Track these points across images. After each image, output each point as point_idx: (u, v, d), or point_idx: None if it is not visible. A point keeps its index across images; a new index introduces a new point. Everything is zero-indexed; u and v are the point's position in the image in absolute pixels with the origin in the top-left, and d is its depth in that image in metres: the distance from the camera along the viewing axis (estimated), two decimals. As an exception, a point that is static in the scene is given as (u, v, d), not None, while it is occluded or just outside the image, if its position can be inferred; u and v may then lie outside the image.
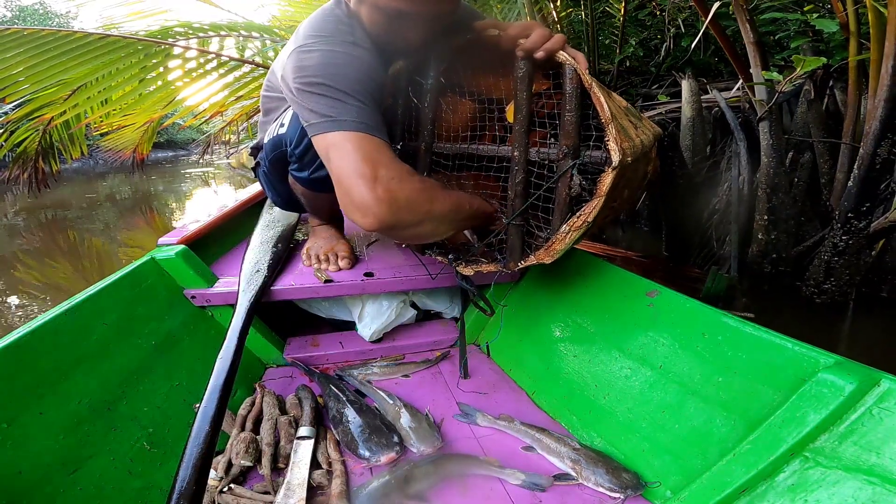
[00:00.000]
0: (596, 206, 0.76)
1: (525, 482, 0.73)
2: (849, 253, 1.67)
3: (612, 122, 0.72)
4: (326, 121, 0.77)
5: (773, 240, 1.93)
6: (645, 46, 3.36)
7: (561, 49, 0.77)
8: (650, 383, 0.80)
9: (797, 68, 1.50)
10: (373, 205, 0.72)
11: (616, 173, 0.74)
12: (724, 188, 2.26)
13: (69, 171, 9.04)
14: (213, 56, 2.43)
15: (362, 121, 0.77)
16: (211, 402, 0.68)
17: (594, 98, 0.74)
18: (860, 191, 1.61)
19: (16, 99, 2.13)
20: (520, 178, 0.86)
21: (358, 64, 0.82)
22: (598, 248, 2.12)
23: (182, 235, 1.09)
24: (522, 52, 0.79)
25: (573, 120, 0.78)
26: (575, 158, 0.79)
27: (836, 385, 0.57)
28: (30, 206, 5.53)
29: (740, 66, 1.93)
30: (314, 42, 0.82)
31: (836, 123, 2.01)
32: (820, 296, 1.75)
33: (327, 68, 0.79)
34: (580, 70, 0.76)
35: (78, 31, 2.09)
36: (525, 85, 0.83)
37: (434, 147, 1.02)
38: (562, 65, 0.77)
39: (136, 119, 2.85)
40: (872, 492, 0.50)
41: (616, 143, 0.73)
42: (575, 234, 0.79)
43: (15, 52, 1.96)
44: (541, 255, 0.84)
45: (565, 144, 0.79)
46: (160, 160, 12.51)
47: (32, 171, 3.10)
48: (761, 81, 1.82)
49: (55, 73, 2.03)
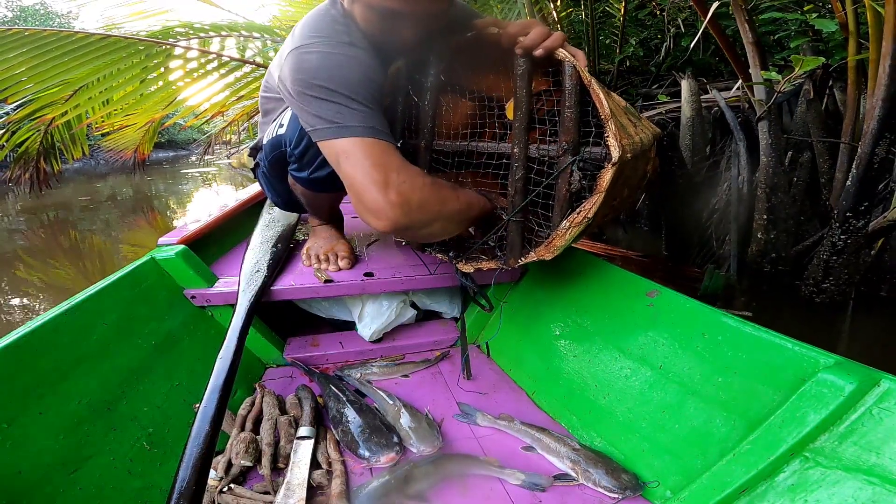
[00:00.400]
0: (596, 202, 0.76)
1: (525, 482, 0.73)
2: (847, 252, 1.67)
3: (612, 119, 0.73)
4: (333, 127, 0.77)
5: (773, 239, 1.93)
6: (645, 46, 3.36)
7: (560, 47, 0.77)
8: (650, 383, 0.80)
9: (796, 68, 1.50)
10: (386, 209, 0.73)
11: (616, 169, 0.74)
12: (723, 188, 2.26)
13: (70, 171, 9.06)
14: (215, 56, 2.43)
15: (369, 125, 0.77)
16: (211, 402, 0.68)
17: (593, 95, 0.74)
18: (859, 190, 1.61)
19: (18, 99, 2.13)
20: (520, 174, 0.87)
21: (356, 65, 0.82)
22: (599, 248, 2.12)
23: (182, 235, 1.09)
24: (521, 50, 0.79)
25: (573, 116, 0.78)
26: (575, 155, 0.79)
27: (836, 385, 0.57)
28: (31, 207, 5.54)
29: (739, 65, 1.93)
30: (311, 43, 0.81)
31: (836, 123, 2.02)
32: (819, 295, 1.75)
33: (327, 71, 0.79)
34: (579, 67, 0.76)
35: (80, 32, 2.09)
36: (525, 82, 0.83)
37: (434, 145, 1.02)
38: (561, 62, 0.77)
39: (137, 119, 2.86)
40: (872, 492, 0.50)
41: (616, 140, 0.73)
42: (575, 231, 0.79)
43: (17, 52, 1.96)
44: (541, 252, 0.84)
45: (565, 140, 0.79)
46: (160, 160, 12.52)
47: (34, 171, 3.11)
48: (760, 81, 1.83)
49: (57, 74, 2.03)
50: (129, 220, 5.15)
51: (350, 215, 1.53)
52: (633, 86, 3.32)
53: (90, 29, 2.19)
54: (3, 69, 1.95)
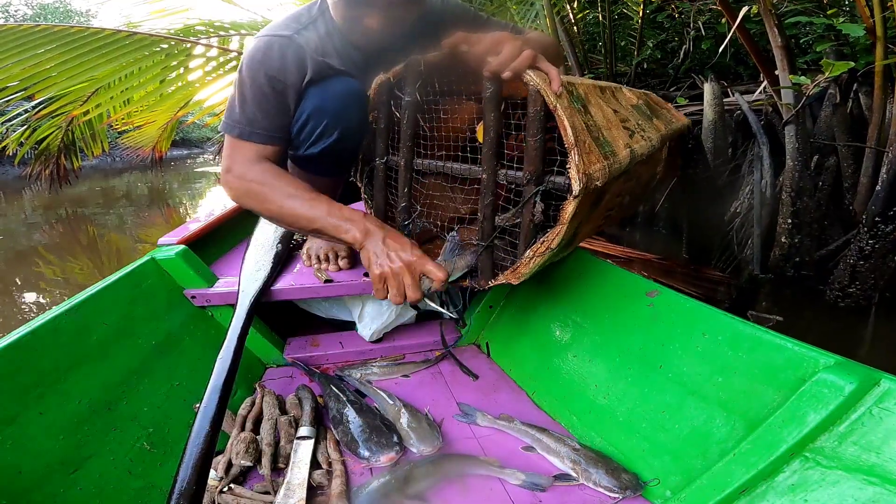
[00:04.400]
0: (558, 233, 0.74)
1: (525, 482, 0.73)
2: (875, 257, 1.67)
3: (575, 148, 0.68)
4: (226, 123, 0.91)
5: (797, 243, 1.93)
6: (662, 49, 3.34)
7: (529, 67, 0.71)
8: (650, 383, 0.80)
9: (826, 72, 1.49)
10: (224, 186, 0.93)
11: (578, 201, 0.71)
12: (745, 191, 2.26)
13: (87, 168, 9.11)
14: (235, 54, 2.44)
15: (245, 126, 0.89)
16: (211, 402, 0.69)
17: (559, 122, 0.69)
18: (888, 195, 1.61)
19: (44, 96, 2.17)
20: (488, 200, 0.84)
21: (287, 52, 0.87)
22: (618, 251, 2.11)
23: (182, 235, 1.10)
24: (489, 73, 0.75)
25: (536, 145, 0.74)
26: (538, 185, 0.76)
27: (836, 385, 0.57)
28: (48, 203, 5.56)
29: (766, 69, 1.92)
30: (264, 37, 0.88)
31: (860, 127, 2.01)
32: (844, 299, 1.76)
33: (253, 61, 0.87)
34: (544, 91, 0.70)
35: (107, 29, 2.11)
36: (493, 105, 0.78)
37: (413, 164, 0.97)
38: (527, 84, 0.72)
39: (157, 117, 2.89)
40: (872, 492, 0.50)
41: (578, 171, 0.68)
42: (539, 260, 0.78)
43: (45, 48, 1.98)
44: (508, 277, 0.83)
45: (528, 171, 0.76)
46: (174, 158, 12.54)
47: (54, 167, 3.17)
48: (788, 85, 1.82)
49: (84, 70, 2.05)
50: (146, 216, 5.17)
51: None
52: (650, 88, 3.31)
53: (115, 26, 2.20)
54: (32, 65, 1.97)
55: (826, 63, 1.48)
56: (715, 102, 2.34)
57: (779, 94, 1.93)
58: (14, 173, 7.99)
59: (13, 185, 7.54)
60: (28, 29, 1.99)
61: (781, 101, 1.91)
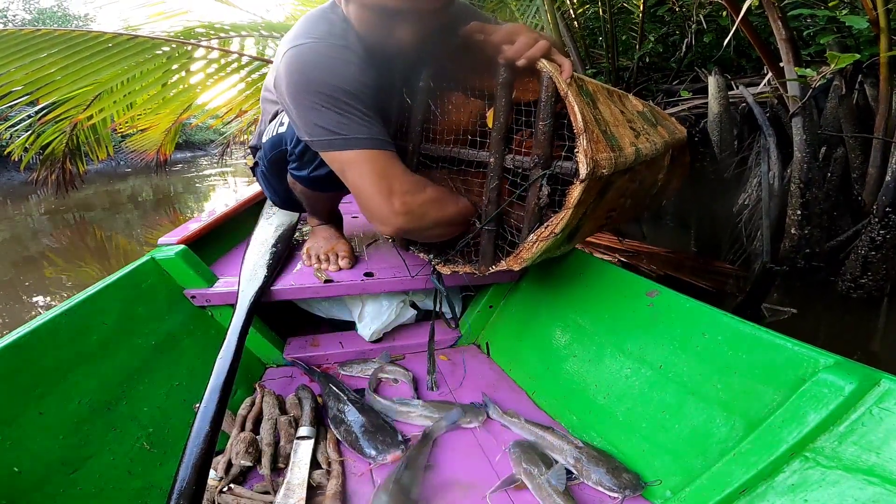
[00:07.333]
0: (563, 217, 0.75)
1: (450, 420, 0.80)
2: (886, 247, 1.67)
3: (584, 134, 0.70)
4: (338, 139, 0.78)
5: (807, 235, 1.93)
6: (664, 43, 3.34)
7: (544, 56, 0.74)
8: (650, 383, 0.80)
9: (832, 65, 1.49)
10: (391, 216, 0.80)
11: (585, 186, 0.72)
12: (752, 184, 2.26)
13: (92, 172, 9.14)
14: (236, 56, 2.45)
15: (371, 136, 0.79)
16: (211, 402, 0.69)
17: (569, 107, 0.71)
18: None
19: (48, 100, 2.16)
20: (494, 184, 0.85)
21: (354, 70, 0.80)
22: (626, 245, 2.09)
23: (182, 235, 1.10)
24: (503, 60, 0.77)
25: (546, 129, 0.76)
26: (546, 168, 0.77)
27: (836, 385, 0.57)
28: (54, 208, 5.58)
29: (771, 62, 1.92)
30: (307, 43, 0.79)
31: (867, 118, 2.01)
32: (856, 290, 1.75)
33: (324, 74, 0.77)
34: (556, 78, 0.72)
35: (108, 32, 2.11)
36: (505, 92, 0.81)
37: (421, 148, 1.00)
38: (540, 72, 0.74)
39: (160, 120, 2.90)
40: (872, 492, 0.50)
41: (586, 155, 0.70)
42: (542, 244, 0.78)
43: (48, 52, 1.97)
44: (510, 262, 0.83)
45: (536, 154, 0.77)
46: (178, 161, 12.53)
47: (60, 172, 3.18)
48: (794, 77, 1.81)
49: (87, 74, 2.04)
50: (152, 219, 5.18)
51: (350, 215, 1.53)
52: (653, 82, 3.31)
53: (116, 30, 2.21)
54: (34, 70, 1.96)
55: (832, 55, 1.47)
56: (720, 95, 2.35)
57: (784, 87, 1.93)
58: (20, 179, 8.04)
59: (19, 190, 7.58)
60: (30, 33, 1.98)
61: (787, 94, 1.91)
